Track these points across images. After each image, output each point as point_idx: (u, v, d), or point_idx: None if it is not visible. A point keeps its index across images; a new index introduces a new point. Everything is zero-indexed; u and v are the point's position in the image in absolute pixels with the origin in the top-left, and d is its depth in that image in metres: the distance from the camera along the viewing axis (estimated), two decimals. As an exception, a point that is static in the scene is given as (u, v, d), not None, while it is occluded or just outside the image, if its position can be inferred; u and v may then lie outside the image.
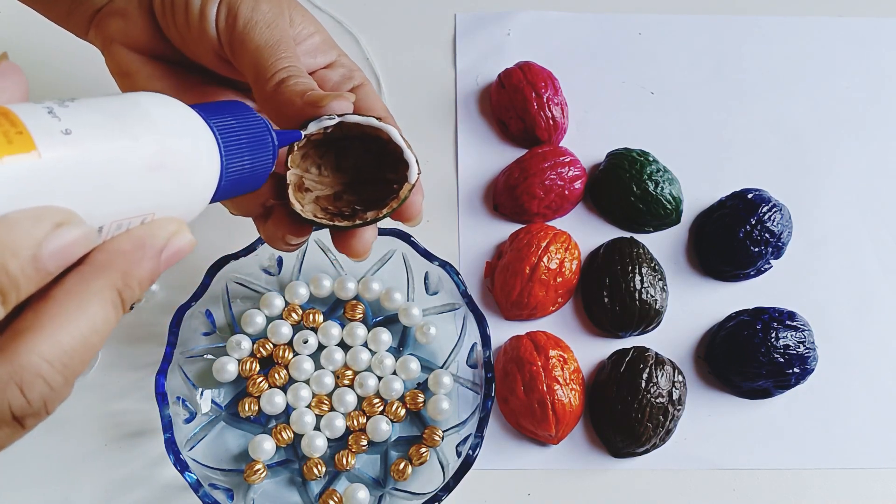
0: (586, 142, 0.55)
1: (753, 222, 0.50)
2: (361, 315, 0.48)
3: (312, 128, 0.32)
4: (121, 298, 0.23)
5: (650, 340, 0.50)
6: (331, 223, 0.33)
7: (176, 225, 0.24)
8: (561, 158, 0.52)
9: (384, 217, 0.33)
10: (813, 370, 0.48)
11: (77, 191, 0.21)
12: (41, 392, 0.21)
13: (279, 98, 0.32)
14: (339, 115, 0.32)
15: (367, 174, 0.35)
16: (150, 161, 0.23)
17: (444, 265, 0.45)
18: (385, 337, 0.47)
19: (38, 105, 0.21)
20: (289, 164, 0.32)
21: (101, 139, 0.22)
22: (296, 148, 0.32)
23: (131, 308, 0.49)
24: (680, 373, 0.47)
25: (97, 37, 0.37)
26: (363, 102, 0.36)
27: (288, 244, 0.34)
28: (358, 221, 0.33)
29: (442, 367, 0.47)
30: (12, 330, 0.21)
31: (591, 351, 0.50)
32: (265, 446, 0.44)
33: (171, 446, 0.41)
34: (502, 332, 0.49)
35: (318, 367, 0.47)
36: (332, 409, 0.46)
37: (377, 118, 0.32)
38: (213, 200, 0.27)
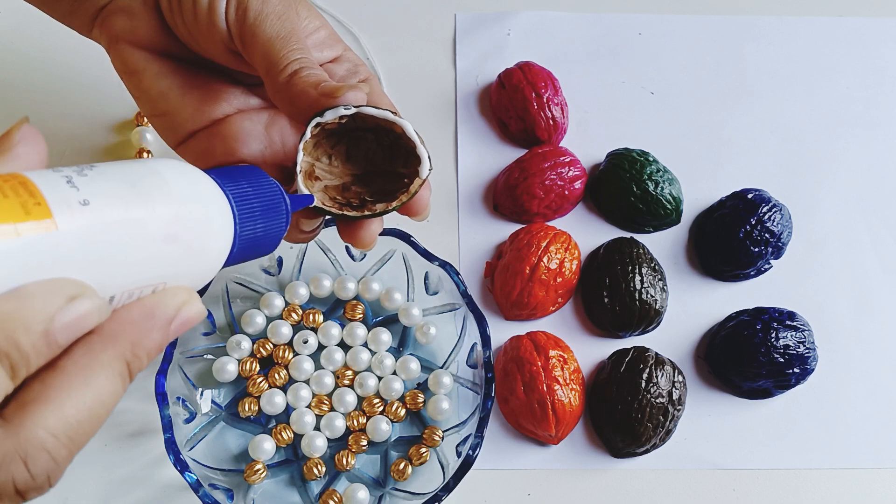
0: (586, 142, 0.55)
1: (753, 222, 0.50)
2: (361, 315, 0.48)
3: (329, 116, 0.32)
4: (128, 370, 0.23)
5: (650, 340, 0.50)
6: (340, 213, 0.33)
7: (186, 294, 0.24)
8: (561, 158, 0.52)
9: (393, 210, 0.33)
10: (813, 370, 0.48)
11: (92, 262, 0.21)
12: (45, 466, 0.21)
13: (292, 89, 0.32)
14: (355, 106, 0.32)
15: (377, 166, 0.35)
16: (165, 232, 0.23)
17: (444, 265, 0.45)
18: (385, 337, 0.47)
19: (57, 174, 0.21)
20: (301, 151, 0.32)
21: (119, 210, 0.22)
22: (309, 135, 0.32)
23: None
24: (680, 373, 0.47)
25: (101, 35, 0.37)
26: (370, 97, 0.36)
27: (301, 231, 0.34)
28: (367, 212, 0.33)
29: (442, 367, 0.47)
30: (18, 401, 0.21)
31: (591, 351, 0.50)
32: (265, 446, 0.44)
33: (171, 446, 0.41)
34: (502, 332, 0.49)
35: (318, 367, 0.47)
36: (332, 409, 0.46)
37: (392, 111, 0.32)
38: (226, 265, 0.27)
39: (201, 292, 0.44)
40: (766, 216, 0.50)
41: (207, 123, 0.37)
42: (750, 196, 0.51)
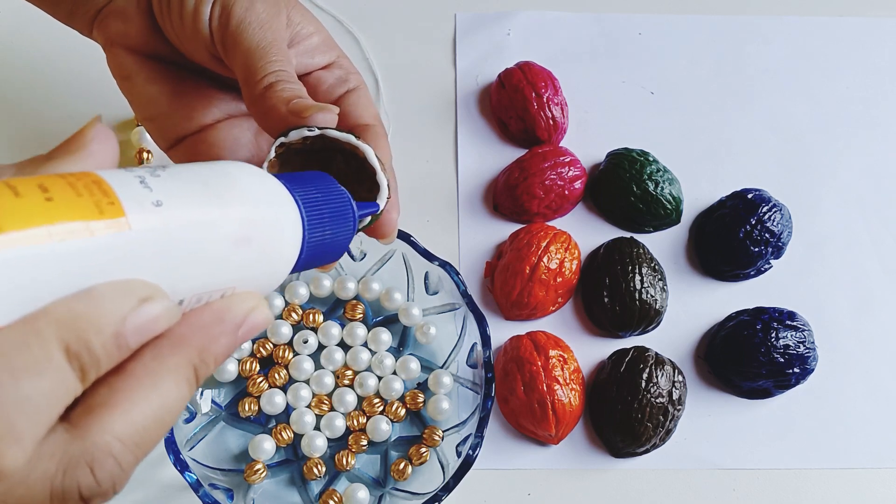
0: (586, 142, 0.55)
1: (753, 222, 0.50)
2: (361, 315, 0.48)
3: (293, 136, 0.31)
4: (196, 375, 0.22)
5: (650, 340, 0.50)
6: None
7: (255, 300, 0.23)
8: (561, 158, 0.52)
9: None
10: (813, 370, 0.48)
11: (164, 264, 0.21)
12: (111, 472, 0.20)
13: (265, 103, 0.32)
14: (319, 128, 0.31)
15: (348, 188, 0.35)
16: (237, 236, 0.22)
17: (444, 265, 0.45)
18: (385, 337, 0.47)
19: (131, 174, 0.21)
20: (266, 170, 0.32)
21: (192, 212, 0.21)
22: (273, 154, 0.32)
23: None
24: (680, 373, 0.47)
25: (100, 37, 0.37)
26: (355, 107, 0.36)
27: None
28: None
29: (442, 367, 0.47)
30: (86, 404, 0.20)
31: (591, 351, 0.50)
32: (265, 446, 0.44)
33: (171, 446, 0.41)
34: (502, 332, 0.49)
35: (318, 367, 0.47)
36: (332, 409, 0.46)
37: (356, 135, 0.32)
38: (293, 272, 0.27)
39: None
40: (766, 216, 0.50)
41: (196, 129, 0.37)
42: (750, 196, 0.51)
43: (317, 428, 0.45)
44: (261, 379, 0.46)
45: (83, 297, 0.19)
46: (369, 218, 0.32)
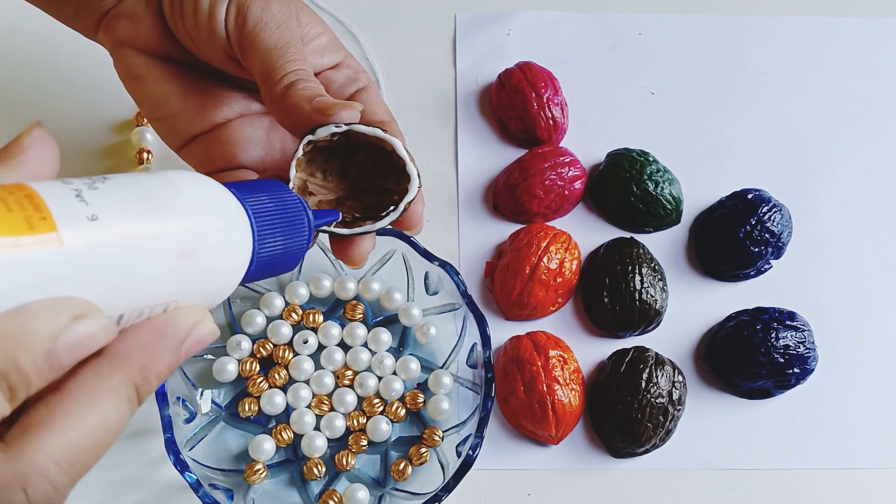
0: (586, 142, 0.55)
1: (753, 222, 0.50)
2: (361, 315, 0.48)
3: (321, 133, 0.31)
4: (137, 393, 0.22)
5: (650, 340, 0.50)
6: (329, 230, 0.33)
7: (199, 313, 0.23)
8: (561, 158, 0.52)
9: (380, 227, 0.33)
10: (813, 370, 0.48)
11: (100, 280, 0.20)
12: (45, 494, 0.20)
13: (287, 101, 0.32)
14: (346, 124, 0.31)
15: (371, 182, 0.35)
16: (180, 248, 0.22)
17: (444, 265, 0.45)
18: (385, 337, 0.47)
19: (66, 186, 0.21)
20: (294, 168, 0.32)
21: (130, 226, 0.21)
22: (301, 153, 0.32)
23: None
24: (680, 373, 0.47)
25: (106, 39, 0.37)
26: (367, 106, 0.36)
27: None
28: (357, 229, 0.33)
29: (442, 367, 0.47)
30: (21, 424, 0.20)
31: (591, 351, 0.50)
32: (265, 446, 0.44)
33: (171, 446, 0.41)
34: (502, 332, 0.49)
35: (318, 367, 0.47)
36: (332, 409, 0.46)
37: (383, 129, 0.32)
38: (243, 283, 0.26)
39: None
40: (766, 216, 0.50)
41: (209, 128, 0.37)
42: (750, 196, 0.51)
43: (317, 428, 0.45)
44: (261, 379, 0.46)
45: (12, 316, 0.19)
46: (402, 208, 0.32)
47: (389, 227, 0.33)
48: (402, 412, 0.46)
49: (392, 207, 0.33)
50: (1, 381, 0.19)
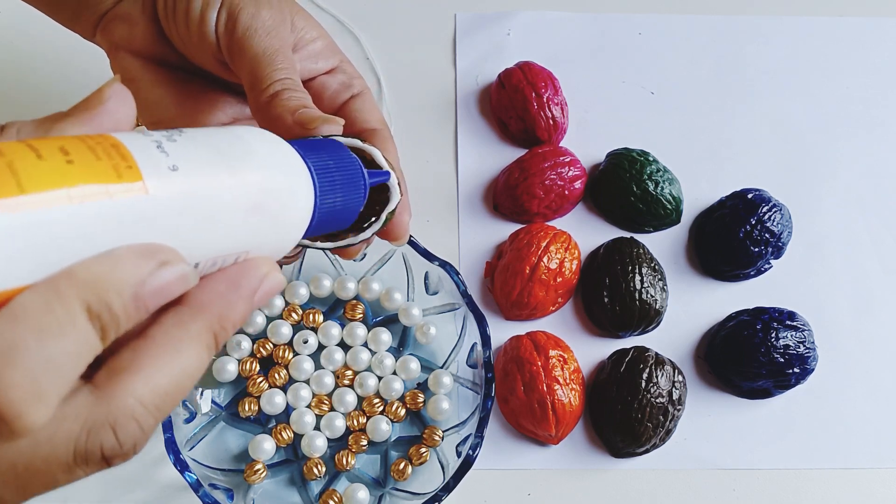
0: (586, 142, 0.55)
1: (753, 222, 0.50)
2: (361, 315, 0.48)
3: None
4: (215, 341, 0.23)
5: (650, 340, 0.50)
6: (313, 244, 0.33)
7: (269, 265, 0.24)
8: (561, 158, 0.52)
9: (364, 239, 0.33)
10: (813, 370, 0.48)
11: (180, 228, 0.21)
12: (133, 434, 0.21)
13: (271, 111, 0.32)
14: (324, 136, 0.31)
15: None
16: (251, 202, 0.23)
17: (444, 265, 0.45)
18: (385, 337, 0.47)
19: (147, 138, 0.21)
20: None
21: (207, 177, 0.22)
22: None
23: None
24: (680, 373, 0.47)
25: (103, 41, 0.37)
26: (361, 112, 0.36)
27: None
28: (340, 242, 0.33)
29: (442, 367, 0.47)
30: (109, 368, 0.21)
31: (591, 351, 0.50)
32: (265, 446, 0.44)
33: (171, 446, 0.41)
34: (502, 332, 0.49)
35: (318, 367, 0.47)
36: (332, 409, 0.46)
37: (362, 139, 0.32)
38: (304, 237, 0.27)
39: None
40: (766, 216, 0.50)
41: None
42: (750, 196, 0.51)
43: (317, 428, 0.45)
44: (261, 379, 0.46)
45: (103, 260, 0.19)
46: (383, 218, 0.32)
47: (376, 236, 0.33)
48: (402, 412, 0.46)
49: (374, 219, 0.32)
50: (94, 320, 0.19)
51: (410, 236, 0.45)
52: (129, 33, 0.36)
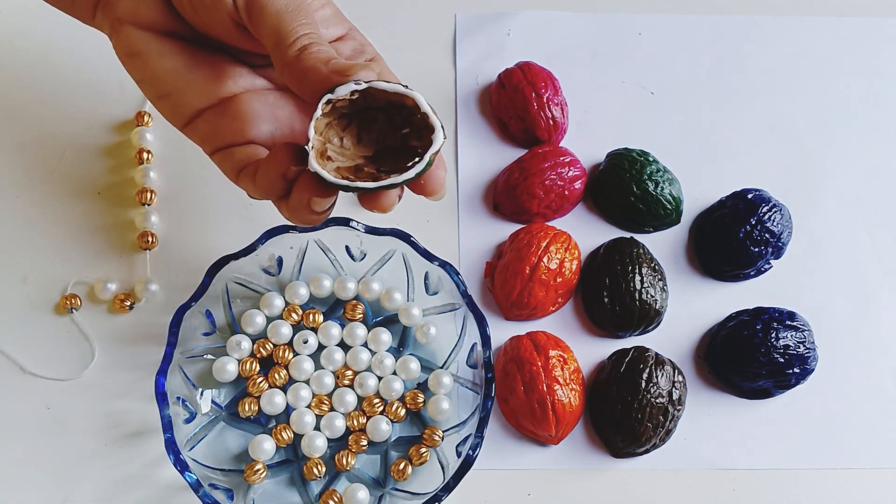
0: (586, 142, 0.55)
1: (753, 222, 0.50)
2: (361, 315, 0.48)
3: (341, 92, 0.31)
4: None
5: (650, 340, 0.50)
6: (355, 184, 0.32)
7: None
8: (561, 158, 0.52)
9: (408, 180, 0.32)
10: (813, 370, 0.48)
11: None
12: None
13: (302, 65, 0.31)
14: (366, 82, 0.31)
15: (389, 144, 0.34)
16: None
17: (444, 265, 0.45)
18: (385, 337, 0.47)
19: None
20: (312, 129, 0.32)
21: None
22: (320, 112, 0.32)
23: (131, 307, 0.49)
24: (680, 373, 0.47)
25: (104, 19, 0.36)
26: (378, 77, 0.36)
27: (313, 211, 0.33)
28: (383, 182, 0.32)
29: (442, 367, 0.47)
30: None
31: (591, 351, 0.50)
32: (265, 446, 0.44)
33: (171, 446, 0.41)
34: (502, 332, 0.49)
35: (318, 367, 0.47)
36: (332, 409, 0.46)
37: (404, 85, 0.32)
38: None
39: (199, 291, 0.44)
40: (766, 216, 0.50)
41: (214, 102, 0.36)
42: (750, 196, 0.51)
43: (317, 428, 0.45)
44: (261, 379, 0.46)
45: None
46: (427, 159, 0.32)
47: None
48: (402, 412, 0.46)
49: (417, 159, 0.32)
50: None
51: (410, 236, 0.45)
52: (133, 6, 0.35)
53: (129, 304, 0.48)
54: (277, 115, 0.37)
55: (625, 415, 0.46)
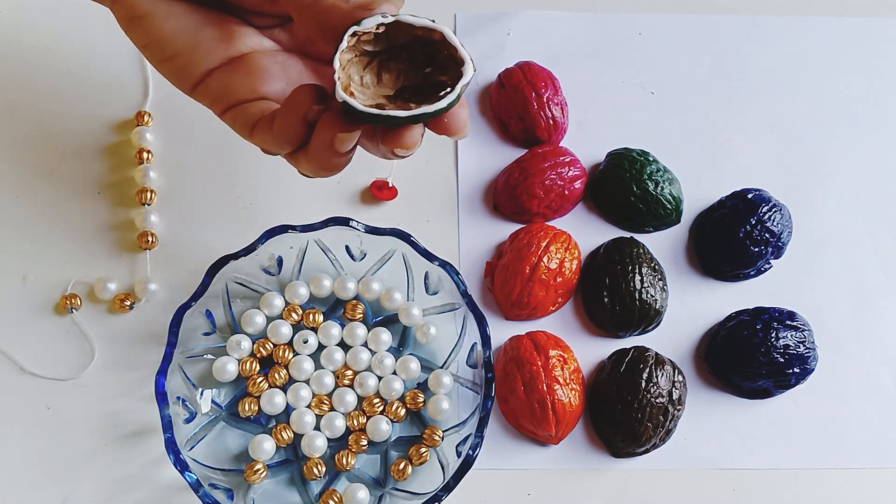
0: (586, 142, 0.55)
1: (753, 222, 0.50)
2: (361, 315, 0.48)
3: (366, 24, 0.31)
4: None
5: (650, 340, 0.50)
6: (385, 113, 0.31)
7: None
8: (561, 158, 0.52)
9: (440, 110, 0.31)
10: (813, 370, 0.48)
11: None
12: None
13: (323, 3, 0.31)
14: (393, 15, 0.31)
15: (409, 84, 0.33)
16: None
17: (444, 265, 0.45)
18: (385, 337, 0.47)
19: None
20: (337, 60, 0.31)
21: None
22: (345, 44, 0.31)
23: (131, 307, 0.49)
24: (680, 373, 0.47)
25: None
26: None
27: (337, 153, 0.33)
28: (416, 112, 0.31)
29: (442, 367, 0.47)
30: None
31: (591, 351, 0.50)
32: (265, 446, 0.44)
33: (171, 446, 0.41)
34: (502, 332, 0.49)
35: (318, 367, 0.47)
36: (332, 409, 0.46)
37: (431, 19, 0.32)
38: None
39: (199, 291, 0.44)
40: (766, 216, 0.50)
41: (224, 61, 0.36)
42: (750, 196, 0.51)
43: (317, 428, 0.45)
44: (261, 379, 0.46)
45: None
46: (458, 90, 0.31)
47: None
48: (402, 412, 0.46)
49: (448, 89, 0.31)
50: None
51: (410, 236, 0.45)
52: None
53: (129, 303, 0.48)
54: (288, 73, 0.37)
55: (625, 415, 0.46)
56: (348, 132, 0.32)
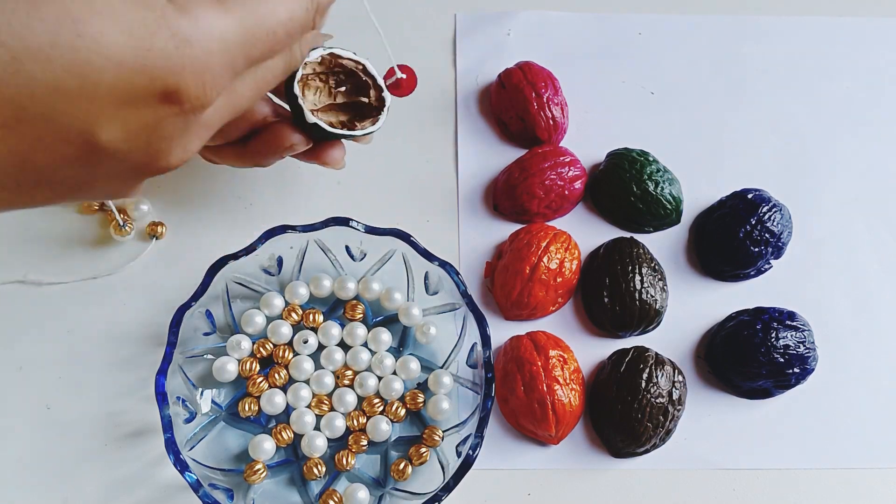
0: (586, 142, 0.55)
1: (753, 222, 0.50)
2: (361, 315, 0.48)
3: (313, 55, 0.39)
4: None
5: (650, 340, 0.50)
6: (332, 129, 0.39)
7: None
8: (561, 158, 0.52)
9: (375, 130, 0.41)
10: (813, 370, 0.48)
11: None
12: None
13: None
14: (329, 48, 0.39)
15: (351, 99, 0.42)
16: None
17: (444, 265, 0.45)
18: (385, 337, 0.47)
19: None
20: (298, 91, 0.38)
21: None
22: (299, 76, 0.38)
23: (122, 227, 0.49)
24: (680, 373, 0.47)
25: None
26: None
27: (284, 154, 0.40)
28: (358, 130, 0.40)
29: (442, 367, 0.47)
30: None
31: (591, 351, 0.50)
32: (265, 446, 0.44)
33: (171, 446, 0.41)
34: (502, 332, 0.49)
35: (318, 367, 0.47)
36: (332, 409, 0.46)
37: (354, 52, 0.40)
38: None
39: (199, 291, 0.44)
40: (766, 216, 0.50)
41: None
42: (750, 196, 0.51)
43: (317, 428, 0.46)
44: (261, 379, 0.46)
45: None
46: (382, 117, 0.41)
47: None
48: (402, 412, 0.46)
49: (375, 111, 0.41)
50: None
51: (410, 236, 0.45)
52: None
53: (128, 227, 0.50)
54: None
55: (625, 415, 0.46)
56: (305, 144, 0.41)
